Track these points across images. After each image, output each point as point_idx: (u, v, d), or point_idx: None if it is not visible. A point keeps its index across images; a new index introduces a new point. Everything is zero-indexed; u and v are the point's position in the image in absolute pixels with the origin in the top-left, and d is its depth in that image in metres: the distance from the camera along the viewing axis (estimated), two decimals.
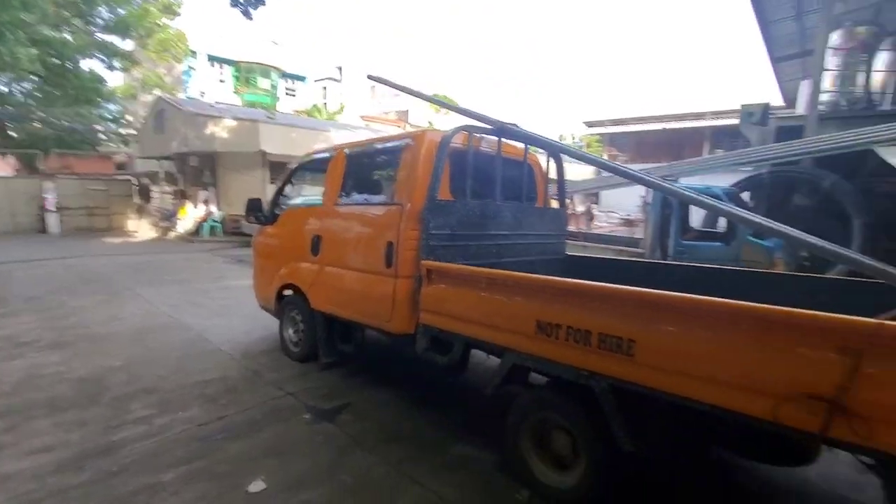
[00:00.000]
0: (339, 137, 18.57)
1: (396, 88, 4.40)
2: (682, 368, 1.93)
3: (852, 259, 2.19)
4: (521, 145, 3.78)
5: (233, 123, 15.89)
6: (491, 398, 2.85)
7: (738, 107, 10.33)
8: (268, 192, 16.66)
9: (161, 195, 19.58)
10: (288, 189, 5.03)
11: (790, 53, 12.94)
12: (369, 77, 4.77)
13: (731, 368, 1.80)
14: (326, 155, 4.21)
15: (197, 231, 16.17)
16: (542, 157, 4.19)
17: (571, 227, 9.87)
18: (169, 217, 17.83)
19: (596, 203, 24.21)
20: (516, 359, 2.58)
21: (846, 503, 2.60)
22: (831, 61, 8.99)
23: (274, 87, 33.92)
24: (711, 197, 6.54)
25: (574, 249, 7.34)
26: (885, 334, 1.48)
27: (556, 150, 3.75)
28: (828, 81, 9.05)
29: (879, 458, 1.59)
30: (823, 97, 9.00)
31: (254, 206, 4.88)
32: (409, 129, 30.02)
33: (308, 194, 5.30)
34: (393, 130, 26.43)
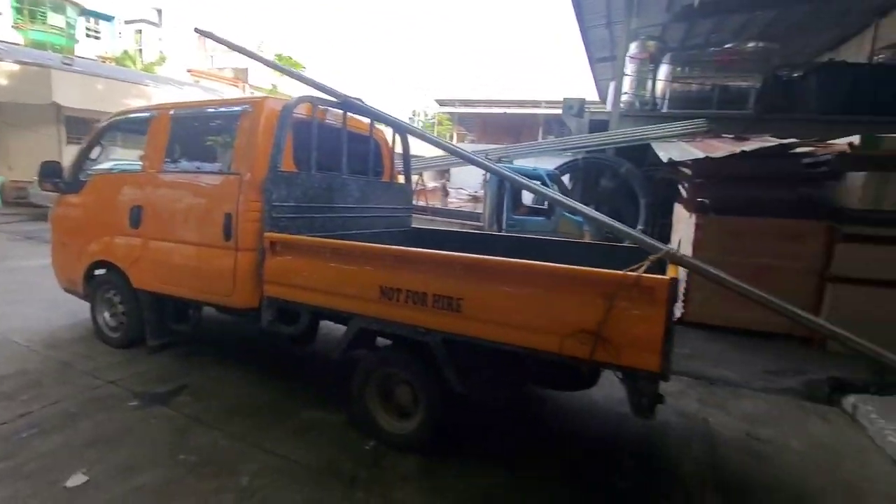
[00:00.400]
0: (158, 92, 16.15)
1: (229, 46, 4.08)
2: (498, 319, 2.32)
3: (616, 227, 2.81)
4: (367, 120, 3.87)
5: (15, 68, 12.71)
6: (339, 363, 3.00)
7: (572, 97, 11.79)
8: (66, 154, 13.80)
9: None
10: (96, 152, 4.33)
11: (603, 56, 15.12)
12: (196, 31, 4.32)
13: (532, 315, 2.23)
14: (147, 114, 3.74)
15: None
16: (389, 133, 4.34)
17: (421, 202, 10.34)
18: None
19: (447, 180, 25.45)
20: (362, 323, 2.75)
21: (618, 415, 3.38)
22: (629, 68, 10.81)
23: (71, 25, 27.65)
24: (536, 178, 7.50)
25: (422, 223, 7.77)
26: (627, 282, 2.01)
27: (398, 127, 3.92)
28: (627, 84, 10.89)
29: (624, 371, 2.16)
30: (623, 97, 10.82)
31: (50, 171, 4.12)
32: (248, 90, 27.25)
33: (121, 158, 4.60)
34: (229, 91, 23.71)
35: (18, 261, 7.30)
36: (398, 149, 4.34)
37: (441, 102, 37.12)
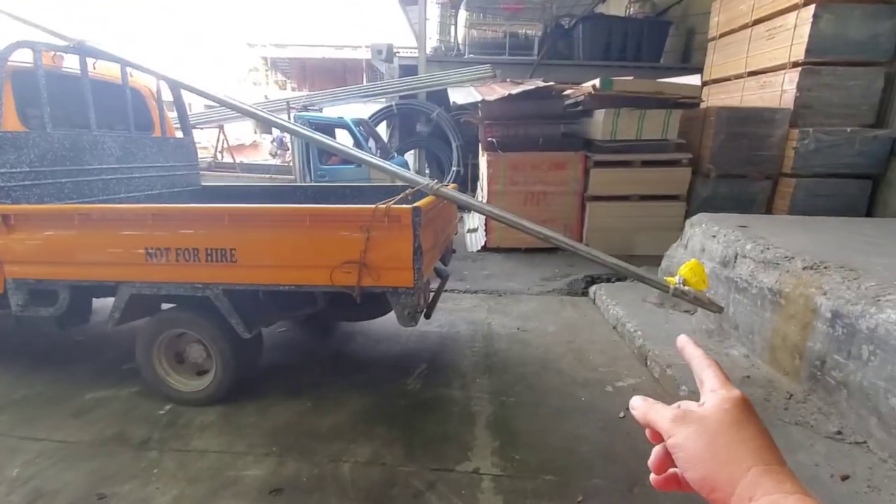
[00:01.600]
0: None
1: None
2: (272, 262, 2.45)
3: (385, 168, 3.07)
4: (118, 68, 3.42)
5: None
6: (126, 338, 2.82)
7: (389, 41, 11.68)
8: None
9: None
10: None
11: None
12: None
13: (302, 255, 2.41)
14: None
15: None
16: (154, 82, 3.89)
17: (228, 159, 9.54)
18: None
19: (269, 133, 23.51)
20: (131, 289, 2.61)
21: (418, 333, 3.86)
22: (434, 13, 11.14)
23: None
24: (342, 126, 7.48)
25: (229, 181, 7.25)
26: (378, 214, 2.30)
27: (151, 73, 3.53)
28: (432, 29, 11.24)
29: (386, 290, 2.50)
30: (430, 43, 11.18)
31: None
32: None
33: None
34: None
35: None
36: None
37: (252, 45, 33.39)
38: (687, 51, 11.01)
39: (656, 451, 0.47)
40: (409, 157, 11.04)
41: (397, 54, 11.01)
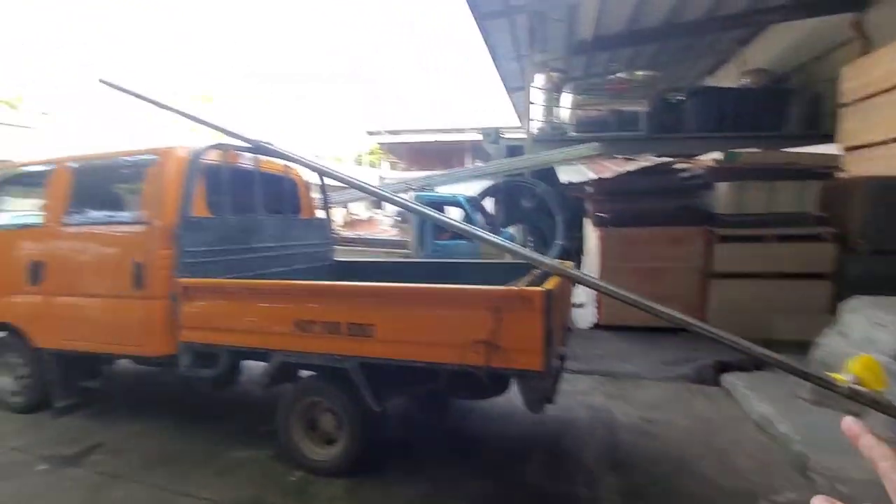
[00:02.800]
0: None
1: (134, 96, 4.10)
2: (406, 339, 2.56)
3: (504, 246, 3.13)
4: (280, 161, 4.03)
5: None
6: (263, 400, 3.07)
7: (493, 124, 12.55)
8: None
9: None
10: None
11: (517, 86, 16.24)
12: (102, 82, 4.30)
13: (435, 332, 2.49)
14: (42, 169, 3.68)
15: None
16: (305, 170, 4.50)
17: (352, 234, 10.45)
18: None
19: (380, 209, 25.61)
20: (283, 357, 2.87)
21: (534, 416, 3.68)
22: (538, 97, 11.74)
23: None
24: (455, 204, 7.88)
25: (353, 255, 7.89)
26: (510, 295, 2.33)
27: (307, 166, 4.09)
28: (537, 112, 11.79)
29: (514, 373, 2.45)
30: (535, 124, 11.69)
31: None
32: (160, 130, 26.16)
33: (13, 212, 4.34)
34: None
35: None
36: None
37: (371, 133, 37.55)
38: (812, 118, 10.23)
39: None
40: (512, 230, 11.23)
41: (503, 136, 11.62)
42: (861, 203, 5.41)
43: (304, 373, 3.10)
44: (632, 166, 5.98)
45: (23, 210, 3.99)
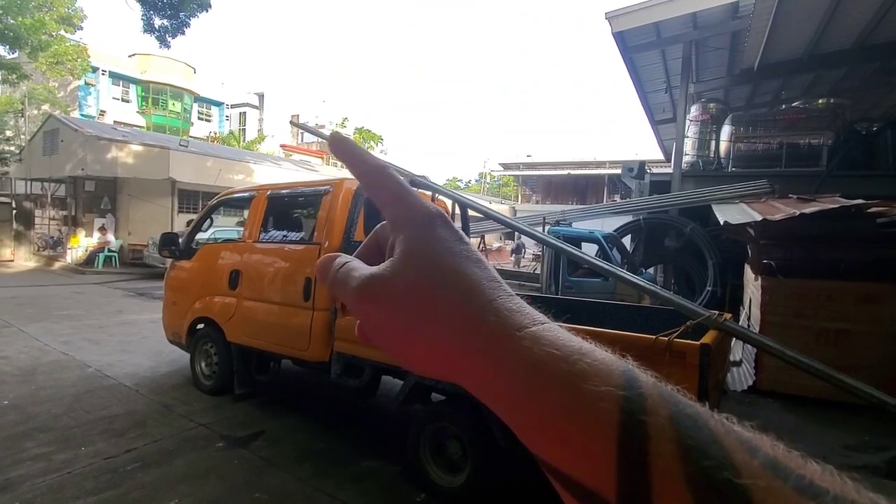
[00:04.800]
0: (258, 168, 18.29)
1: (315, 134, 4.83)
2: None
3: (654, 291, 2.93)
4: (429, 194, 4.36)
5: (139, 149, 15.14)
6: (396, 416, 3.27)
7: (633, 157, 12.03)
8: (177, 222, 15.89)
9: (46, 220, 17.79)
10: (206, 224, 5.18)
11: (665, 118, 15.28)
12: (291, 123, 5.15)
13: None
14: (248, 194, 4.49)
15: (90, 261, 14.90)
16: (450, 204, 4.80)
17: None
18: (54, 245, 16.24)
19: (515, 241, 25.93)
20: (417, 378, 3.04)
21: None
22: (690, 129, 10.88)
23: (186, 110, 32.54)
24: (593, 241, 7.61)
25: None
26: (659, 346, 2.17)
27: (453, 198, 4.35)
28: (689, 145, 10.91)
29: None
30: (686, 158, 10.82)
31: (168, 241, 4.96)
32: (331, 160, 30.15)
33: (220, 229, 5.42)
34: (314, 162, 26.36)
35: (131, 315, 8.44)
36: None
37: (505, 166, 38.44)
38: None
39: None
40: (652, 271, 10.42)
41: (649, 171, 10.97)
42: None
43: (437, 397, 3.24)
44: (811, 208, 5.16)
45: (229, 227, 4.91)
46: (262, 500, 2.92)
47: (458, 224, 4.93)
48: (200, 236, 5.58)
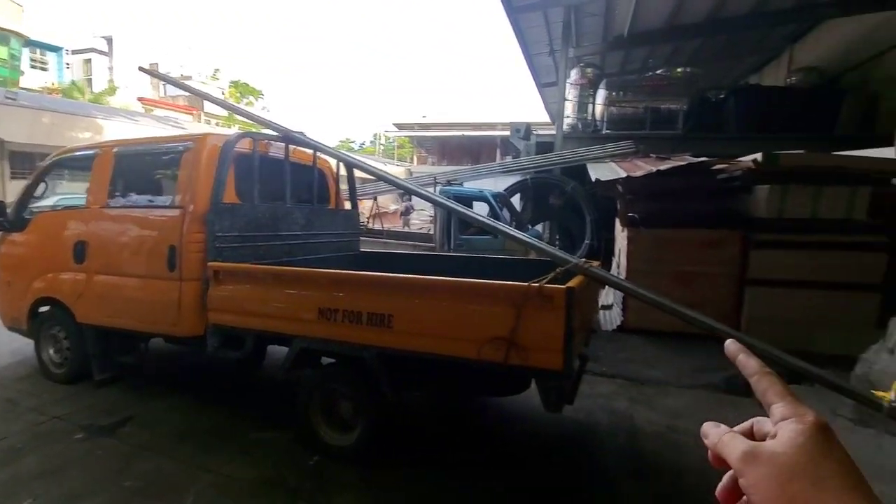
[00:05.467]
0: (110, 125, 15.88)
1: (172, 84, 4.26)
2: (424, 331, 2.56)
3: (529, 243, 3.10)
4: (310, 151, 4.09)
5: None
6: (287, 384, 3.14)
7: (523, 119, 12.40)
8: (10, 190, 13.32)
9: None
10: (40, 189, 4.37)
11: (549, 81, 15.98)
12: (140, 69, 4.47)
13: (453, 326, 2.48)
14: (91, 152, 3.85)
15: None
16: (335, 162, 4.57)
17: (377, 226, 10.57)
18: None
19: (409, 202, 25.81)
20: (303, 343, 2.92)
21: (555, 417, 3.64)
22: (571, 92, 11.52)
23: (15, 56, 26.80)
24: (482, 199, 7.84)
25: (378, 247, 7.96)
26: (531, 292, 2.30)
27: (337, 157, 4.13)
28: (570, 108, 11.57)
29: (533, 371, 2.42)
30: (567, 120, 11.49)
31: None
32: (203, 117, 27.11)
33: (64, 195, 4.64)
34: (182, 119, 23.45)
35: None
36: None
37: (399, 126, 37.78)
38: (868, 119, 9.67)
39: (725, 478, 0.43)
40: (540, 227, 11.11)
41: (534, 132, 11.47)
42: None
43: (326, 360, 3.16)
44: (665, 165, 5.80)
45: (71, 193, 4.19)
46: (135, 487, 2.66)
47: (344, 187, 4.75)
48: (38, 204, 4.71)
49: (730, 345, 0.50)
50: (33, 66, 28.58)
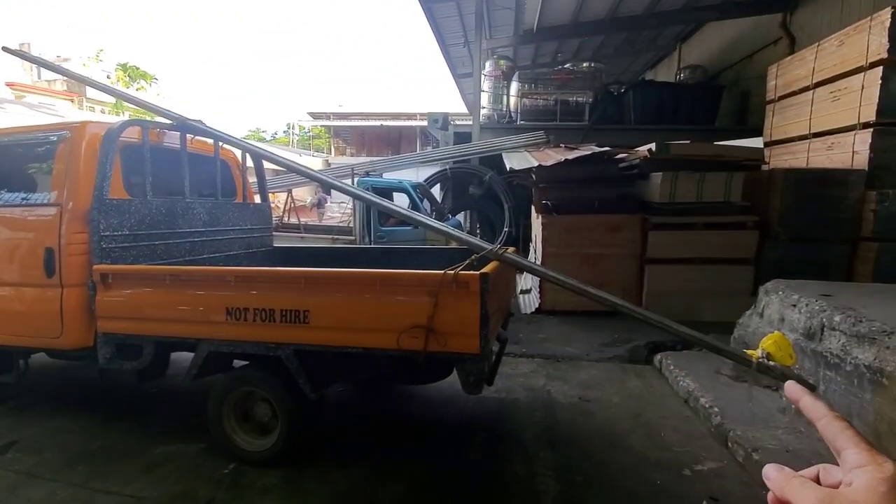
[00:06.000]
0: None
1: (47, 68, 3.75)
2: (342, 325, 2.51)
3: (446, 232, 3.14)
4: (211, 141, 3.81)
5: None
6: (196, 393, 2.93)
7: (441, 110, 12.42)
8: None
9: None
10: None
11: (466, 72, 16.21)
12: (5, 49, 3.87)
13: (371, 318, 2.46)
14: None
15: None
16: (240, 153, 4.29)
17: (294, 220, 10.14)
18: None
19: (328, 194, 24.97)
20: (211, 346, 2.74)
21: (476, 399, 3.75)
22: (486, 84, 11.77)
23: None
24: (401, 190, 7.81)
25: (295, 241, 7.65)
26: (446, 280, 2.34)
27: (240, 147, 3.88)
28: (485, 99, 11.83)
29: (452, 356, 2.47)
30: (483, 111, 11.74)
31: None
32: (86, 104, 24.22)
33: None
34: (60, 106, 20.71)
35: None
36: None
37: (314, 115, 36.35)
38: (742, 113, 10.95)
39: None
40: (461, 217, 11.31)
41: (452, 123, 11.59)
42: (781, 194, 5.86)
43: (238, 362, 2.99)
44: (573, 155, 6.14)
45: None
46: None
47: (253, 179, 4.48)
48: None
49: (790, 387, 0.48)
50: None
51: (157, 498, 2.53)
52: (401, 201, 7.50)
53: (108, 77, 25.79)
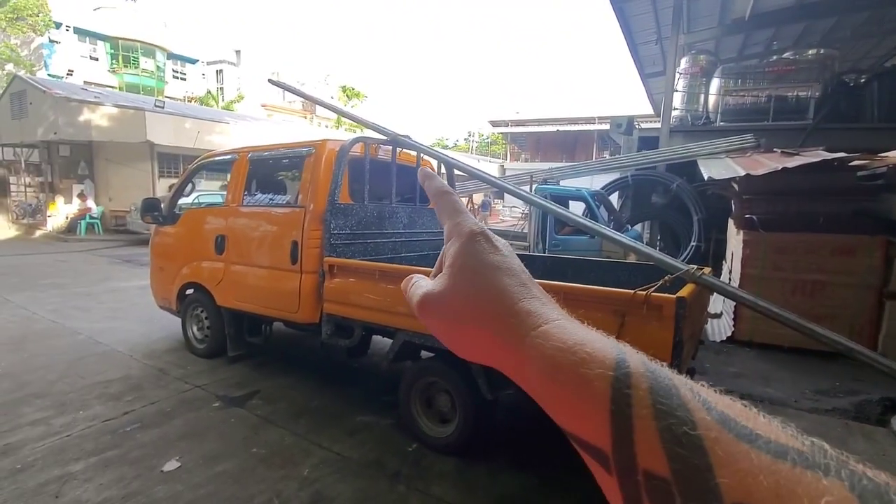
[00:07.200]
0: (238, 129, 17.78)
1: (296, 94, 4.69)
2: None
3: (634, 247, 2.99)
4: (414, 153, 4.31)
5: (114, 111, 14.56)
6: (388, 374, 3.37)
7: (624, 113, 11.87)
8: (158, 187, 15.55)
9: (22, 187, 17.28)
10: (187, 189, 5.09)
11: (655, 71, 14.99)
12: (270, 82, 4.98)
13: None
14: (229, 157, 4.40)
15: (71, 229, 14.63)
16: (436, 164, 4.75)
17: None
18: (32, 213, 15.86)
19: (501, 199, 25.78)
20: (406, 337, 3.12)
21: None
22: (680, 83, 10.71)
23: (160, 68, 31.15)
24: (580, 198, 7.63)
25: None
26: (637, 300, 2.24)
27: (438, 158, 4.29)
28: (678, 99, 10.77)
29: None
30: (675, 113, 10.71)
31: (151, 207, 4.89)
32: (315, 120, 29.35)
33: (203, 193, 5.36)
34: (298, 122, 25.63)
35: (119, 282, 8.40)
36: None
37: (494, 123, 37.73)
38: None
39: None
40: (639, 227, 10.52)
41: (637, 126, 10.87)
42: None
43: (426, 354, 3.33)
44: (793, 162, 5.21)
45: (213, 191, 4.83)
46: (260, 454, 3.04)
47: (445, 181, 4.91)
48: (183, 201, 5.50)
49: (422, 171, 0.44)
50: (175, 77, 32.90)
51: (356, 460, 2.99)
52: (575, 209, 7.35)
53: (331, 97, 31.09)
